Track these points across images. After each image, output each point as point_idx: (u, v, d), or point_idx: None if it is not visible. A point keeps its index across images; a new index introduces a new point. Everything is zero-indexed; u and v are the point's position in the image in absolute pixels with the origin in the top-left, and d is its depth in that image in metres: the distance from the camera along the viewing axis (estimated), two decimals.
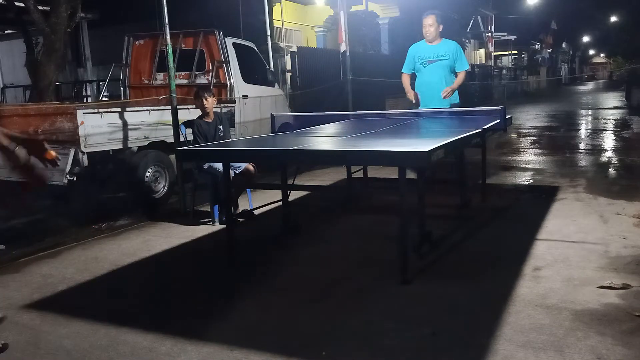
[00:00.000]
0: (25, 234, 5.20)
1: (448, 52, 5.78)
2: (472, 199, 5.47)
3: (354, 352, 2.70)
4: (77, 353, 2.80)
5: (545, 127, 13.69)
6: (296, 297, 3.41)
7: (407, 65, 6.06)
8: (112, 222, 5.44)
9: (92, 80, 12.71)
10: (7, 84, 13.10)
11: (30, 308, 3.41)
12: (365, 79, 11.42)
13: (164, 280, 3.88)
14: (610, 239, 4.24)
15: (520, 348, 2.64)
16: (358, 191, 6.19)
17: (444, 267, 3.86)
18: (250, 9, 12.57)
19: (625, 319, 2.90)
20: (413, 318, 3.03)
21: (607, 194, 5.71)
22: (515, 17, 31.43)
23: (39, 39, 8.41)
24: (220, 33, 7.60)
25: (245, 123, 7.71)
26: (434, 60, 5.80)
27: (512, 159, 8.42)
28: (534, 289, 3.32)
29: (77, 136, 5.07)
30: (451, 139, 3.98)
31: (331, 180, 7.00)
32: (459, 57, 5.83)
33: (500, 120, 5.21)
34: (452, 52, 5.78)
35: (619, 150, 9.09)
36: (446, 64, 5.77)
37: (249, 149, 4.56)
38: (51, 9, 7.55)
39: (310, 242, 4.60)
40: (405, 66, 6.07)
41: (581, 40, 58.41)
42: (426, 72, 5.85)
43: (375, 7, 17.83)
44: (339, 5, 10.27)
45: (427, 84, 5.83)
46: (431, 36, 5.80)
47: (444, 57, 5.77)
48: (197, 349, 2.76)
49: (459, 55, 5.83)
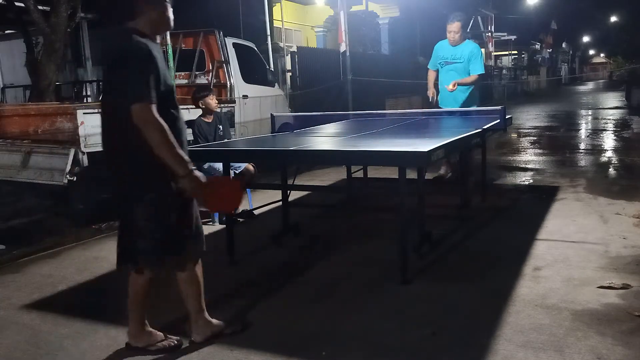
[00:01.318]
0: (25, 234, 5.20)
1: (463, 55, 5.88)
2: (472, 199, 5.46)
3: (354, 352, 2.70)
4: (77, 353, 2.81)
5: (545, 127, 13.69)
6: (296, 297, 3.41)
7: (431, 62, 6.28)
8: (112, 222, 5.42)
9: (92, 80, 12.69)
10: (7, 84, 13.08)
11: (30, 308, 3.41)
12: (365, 79, 11.43)
13: (164, 281, 3.87)
14: (610, 239, 4.24)
15: (520, 348, 2.64)
16: (358, 191, 6.18)
17: (444, 267, 3.86)
18: (250, 9, 12.56)
19: (625, 319, 2.90)
20: (413, 318, 3.03)
21: (607, 194, 5.71)
22: (515, 17, 31.40)
23: (39, 39, 8.39)
24: (220, 33, 7.60)
25: (245, 123, 7.71)
26: (450, 62, 5.98)
27: (512, 159, 8.42)
28: (534, 289, 3.32)
29: (77, 136, 5.07)
30: (451, 139, 3.98)
31: (331, 180, 7.00)
32: (473, 60, 5.89)
33: (500, 120, 5.22)
34: (467, 55, 5.87)
35: (619, 150, 9.09)
36: (460, 66, 5.91)
37: (249, 149, 4.56)
38: (51, 9, 7.54)
39: (310, 242, 4.60)
40: (431, 63, 6.30)
41: (581, 40, 58.42)
42: (442, 73, 6.07)
43: (375, 7, 17.83)
44: (339, 5, 10.28)
45: (442, 84, 6.04)
46: (455, 43, 5.94)
47: (459, 60, 5.91)
48: (197, 349, 2.76)
49: (473, 58, 5.90)
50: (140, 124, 2.34)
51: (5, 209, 6.01)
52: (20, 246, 4.72)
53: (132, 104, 2.33)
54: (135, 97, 2.34)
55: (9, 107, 6.82)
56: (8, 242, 4.79)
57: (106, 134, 2.59)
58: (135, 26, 2.51)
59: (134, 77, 2.36)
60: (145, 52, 2.41)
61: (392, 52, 17.57)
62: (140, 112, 2.33)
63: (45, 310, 3.36)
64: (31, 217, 5.81)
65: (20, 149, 5.32)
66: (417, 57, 17.32)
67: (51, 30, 7.39)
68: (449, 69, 5.98)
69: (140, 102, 2.34)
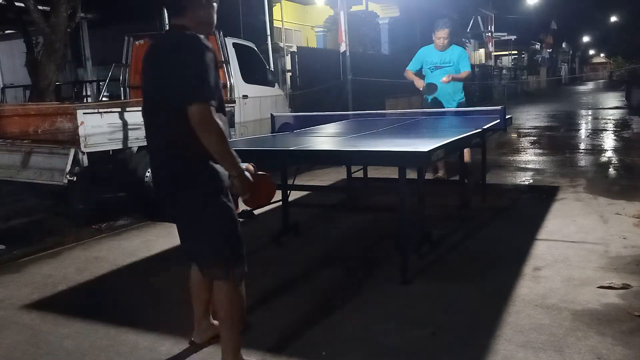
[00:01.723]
0: (25, 234, 5.20)
1: (452, 58, 6.28)
2: (472, 199, 5.46)
3: (354, 352, 2.70)
4: (77, 353, 2.81)
5: (545, 127, 13.69)
6: (296, 297, 3.41)
7: (412, 64, 6.53)
8: (112, 222, 5.44)
9: (92, 80, 12.71)
10: (7, 84, 13.09)
11: (30, 308, 3.41)
12: (365, 79, 11.43)
13: (164, 281, 3.87)
14: (610, 239, 4.24)
15: (520, 348, 2.64)
16: (358, 191, 6.18)
17: (444, 267, 3.86)
18: (250, 9, 12.56)
19: (625, 319, 2.90)
20: (413, 318, 3.03)
21: (607, 194, 5.71)
22: (515, 17, 31.41)
23: (39, 39, 8.40)
24: (220, 33, 7.59)
25: (245, 123, 7.71)
26: (441, 66, 6.29)
27: (512, 159, 8.42)
28: (534, 289, 3.33)
29: (77, 136, 5.06)
30: (451, 139, 3.99)
31: (331, 180, 7.00)
32: (462, 61, 6.31)
33: (500, 120, 5.22)
34: (456, 58, 6.28)
35: (619, 150, 9.09)
36: (451, 70, 6.24)
37: (249, 148, 4.56)
38: (51, 9, 7.55)
39: (310, 242, 4.60)
40: (411, 64, 6.53)
41: (581, 40, 58.41)
42: (433, 77, 6.31)
43: (375, 7, 17.83)
44: (339, 5, 10.28)
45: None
46: (443, 48, 6.29)
47: (449, 64, 6.26)
48: (197, 349, 2.75)
49: (461, 59, 6.32)
50: (199, 125, 2.17)
51: (5, 209, 6.02)
52: (20, 246, 4.72)
53: (192, 104, 2.16)
54: (195, 96, 2.17)
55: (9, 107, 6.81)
56: (8, 242, 4.79)
57: (157, 134, 2.42)
58: (182, 23, 2.33)
59: (195, 75, 2.18)
60: (207, 49, 2.23)
61: (392, 52, 17.56)
62: (199, 113, 2.16)
63: (45, 310, 3.36)
64: (31, 217, 5.82)
65: (20, 149, 5.32)
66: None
67: (51, 30, 7.39)
68: (441, 72, 6.24)
69: (200, 102, 2.16)
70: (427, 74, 6.40)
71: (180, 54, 2.23)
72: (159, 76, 2.32)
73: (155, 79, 2.35)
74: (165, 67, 2.29)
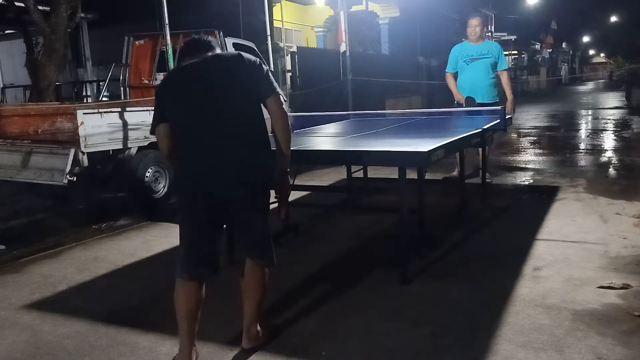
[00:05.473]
0: (25, 234, 5.20)
1: (491, 51, 6.30)
2: (472, 199, 5.46)
3: (354, 352, 2.70)
4: (77, 353, 2.81)
5: (545, 127, 13.69)
6: (296, 297, 3.41)
7: (450, 65, 6.50)
8: (112, 222, 5.44)
9: (92, 80, 12.71)
10: (7, 84, 13.09)
11: (30, 308, 3.41)
12: (365, 79, 11.43)
13: (164, 281, 3.87)
14: (610, 239, 4.24)
15: (520, 348, 2.64)
16: (358, 191, 6.18)
17: (444, 267, 3.86)
18: (250, 9, 12.56)
19: (625, 319, 2.90)
20: (413, 318, 3.03)
21: (607, 194, 5.71)
22: (515, 17, 31.40)
23: (39, 39, 8.41)
24: (220, 33, 7.59)
25: None
26: (478, 58, 6.27)
27: (512, 159, 8.42)
28: (534, 289, 3.33)
29: (77, 136, 5.06)
30: (451, 139, 3.98)
31: (331, 180, 7.00)
32: (501, 57, 6.37)
33: (500, 120, 5.21)
34: (495, 51, 6.32)
35: (619, 150, 9.09)
36: (489, 61, 6.26)
37: None
38: (51, 9, 7.56)
39: (310, 242, 4.60)
40: (449, 66, 6.52)
41: (581, 40, 58.43)
42: (469, 69, 6.31)
43: (375, 7, 17.83)
44: (339, 5, 10.27)
45: (471, 80, 6.29)
46: (476, 36, 6.32)
47: (487, 56, 6.26)
48: (197, 349, 2.75)
49: (501, 55, 6.37)
50: (278, 111, 2.55)
51: (5, 209, 6.02)
52: (20, 246, 4.72)
53: (278, 95, 2.54)
54: (274, 90, 2.54)
55: (9, 107, 6.82)
56: (8, 242, 4.79)
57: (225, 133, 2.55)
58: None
59: (270, 74, 2.57)
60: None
61: (392, 52, 17.56)
62: (278, 103, 2.54)
63: (45, 310, 3.36)
64: (31, 217, 5.82)
65: (20, 149, 5.32)
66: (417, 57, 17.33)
67: (51, 30, 7.40)
68: (478, 64, 6.24)
69: (277, 94, 2.54)
70: (462, 68, 6.34)
71: (249, 59, 2.56)
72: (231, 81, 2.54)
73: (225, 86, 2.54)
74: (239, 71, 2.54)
